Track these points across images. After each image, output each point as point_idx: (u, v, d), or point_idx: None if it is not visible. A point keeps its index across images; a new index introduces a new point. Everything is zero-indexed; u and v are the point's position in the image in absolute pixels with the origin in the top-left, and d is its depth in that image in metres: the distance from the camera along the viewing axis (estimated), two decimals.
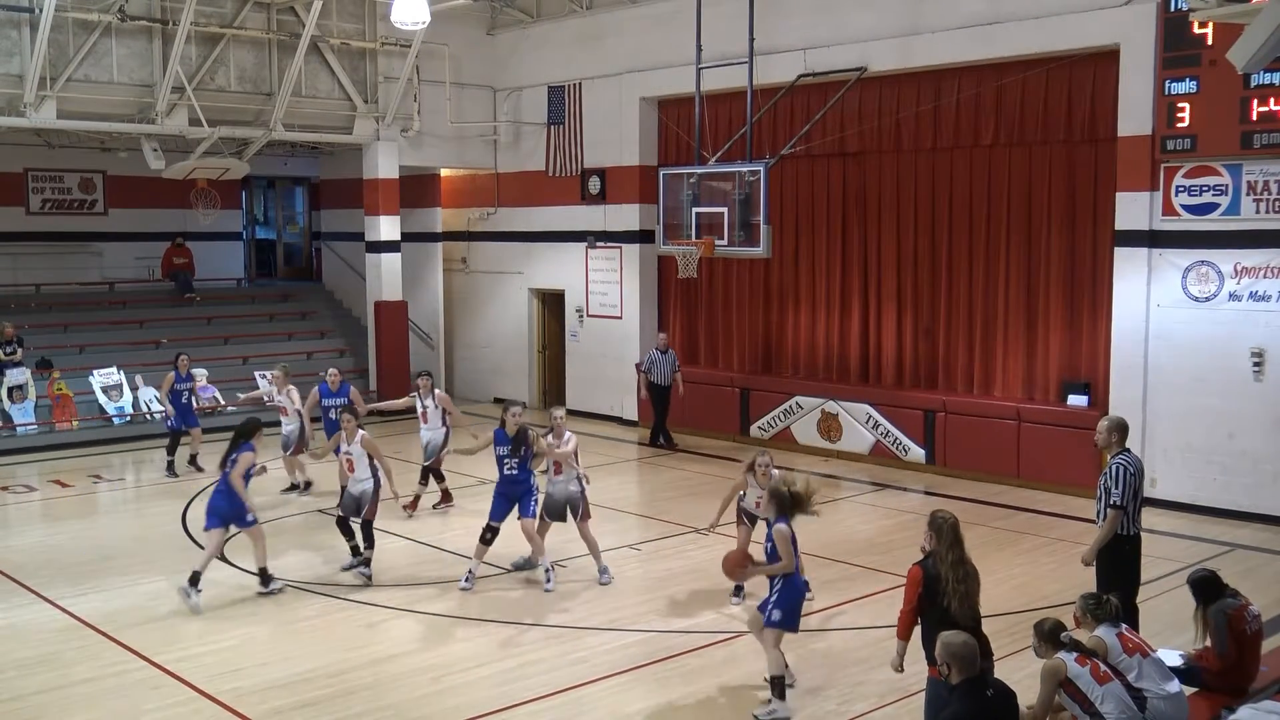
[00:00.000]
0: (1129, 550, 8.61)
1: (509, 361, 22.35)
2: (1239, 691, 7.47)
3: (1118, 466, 8.55)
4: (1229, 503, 13.53)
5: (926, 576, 6.81)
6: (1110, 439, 8.79)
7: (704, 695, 8.52)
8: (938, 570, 6.78)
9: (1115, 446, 8.75)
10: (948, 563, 6.75)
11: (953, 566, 6.74)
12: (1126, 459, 8.61)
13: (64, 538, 13.11)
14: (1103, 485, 8.64)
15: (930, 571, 6.81)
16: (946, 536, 6.81)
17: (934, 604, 6.74)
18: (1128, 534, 8.59)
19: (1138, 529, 8.66)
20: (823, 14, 16.81)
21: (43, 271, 22.12)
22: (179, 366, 16.29)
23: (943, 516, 6.94)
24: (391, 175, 20.91)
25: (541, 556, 11.07)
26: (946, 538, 6.81)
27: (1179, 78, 13.39)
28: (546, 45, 20.99)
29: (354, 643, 9.61)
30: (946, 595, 6.68)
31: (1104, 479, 8.63)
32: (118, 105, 17.98)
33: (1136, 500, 8.58)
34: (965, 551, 6.86)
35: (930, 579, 6.78)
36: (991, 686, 6.09)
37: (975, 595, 6.86)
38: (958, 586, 6.67)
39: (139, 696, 8.51)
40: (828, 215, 17.82)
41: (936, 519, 6.93)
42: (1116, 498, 8.48)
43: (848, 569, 11.66)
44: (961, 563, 6.79)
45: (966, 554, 6.87)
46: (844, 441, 17.16)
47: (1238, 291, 13.35)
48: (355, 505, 11.48)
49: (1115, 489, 8.49)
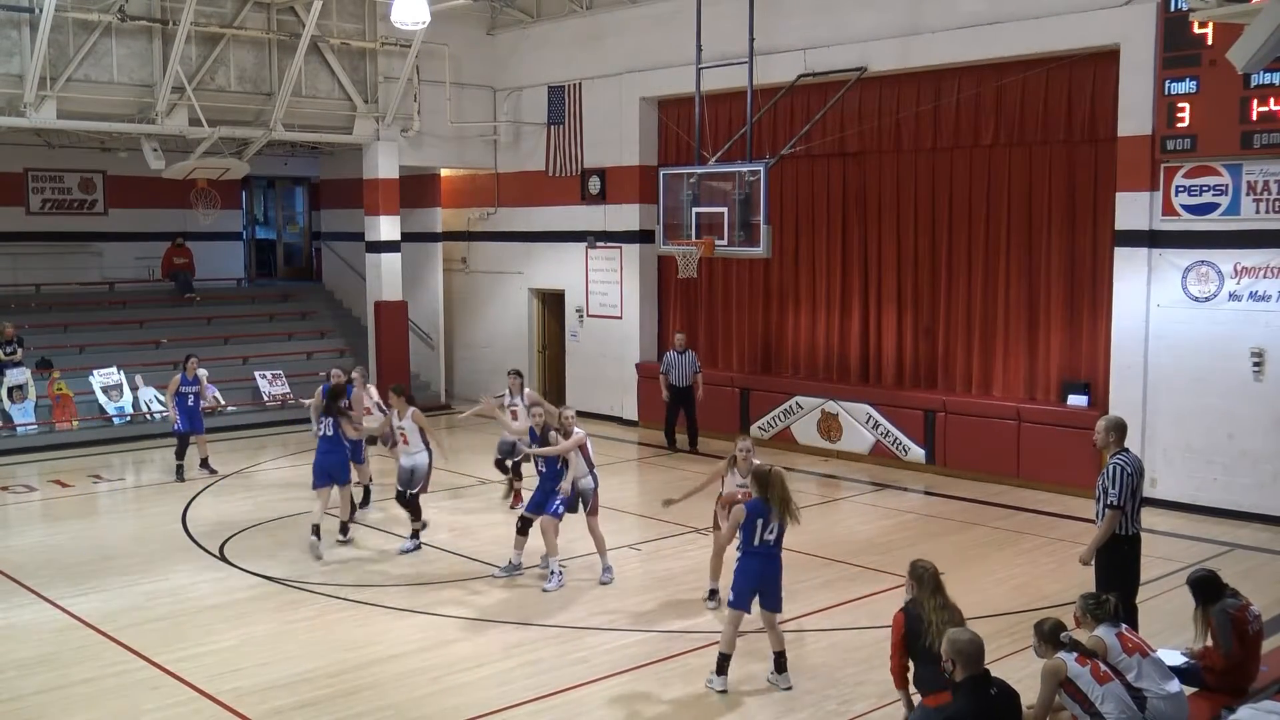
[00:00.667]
0: (1128, 550, 8.60)
1: (509, 361, 22.16)
2: (1239, 691, 7.47)
3: (1115, 466, 8.55)
4: (1229, 503, 13.53)
5: (909, 620, 7.09)
6: (1108, 439, 8.80)
7: (704, 695, 8.52)
8: (919, 613, 7.04)
9: (1113, 446, 8.75)
10: (930, 608, 7.02)
11: (935, 611, 7.00)
12: (1124, 459, 8.60)
13: (64, 538, 13.10)
14: (1100, 485, 8.63)
15: (912, 614, 7.08)
16: (928, 585, 7.09)
17: (916, 644, 7.01)
18: (1127, 534, 8.58)
19: (1137, 529, 8.64)
20: (823, 14, 16.81)
21: (43, 271, 22.11)
22: (186, 369, 16.10)
23: (923, 566, 7.19)
24: (391, 175, 20.91)
25: (554, 557, 11.12)
26: (928, 585, 7.09)
27: (1179, 78, 13.39)
28: (546, 45, 20.99)
29: (354, 643, 9.61)
30: (930, 635, 6.91)
31: (1102, 479, 8.63)
32: (118, 105, 17.97)
33: (1135, 500, 8.56)
34: (948, 597, 7.12)
35: (912, 622, 7.06)
36: (995, 685, 6.09)
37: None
38: (942, 627, 6.84)
39: (139, 696, 8.51)
40: (828, 215, 17.82)
41: (916, 568, 7.19)
42: (1114, 498, 8.48)
43: (848, 569, 11.66)
44: (945, 607, 7.05)
45: (950, 600, 7.12)
46: (844, 441, 17.16)
47: (1238, 291, 13.35)
48: (409, 477, 12.25)
49: (1112, 489, 8.49)
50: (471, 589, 11.09)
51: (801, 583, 11.15)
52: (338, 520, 12.75)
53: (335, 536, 12.60)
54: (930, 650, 6.81)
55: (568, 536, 11.78)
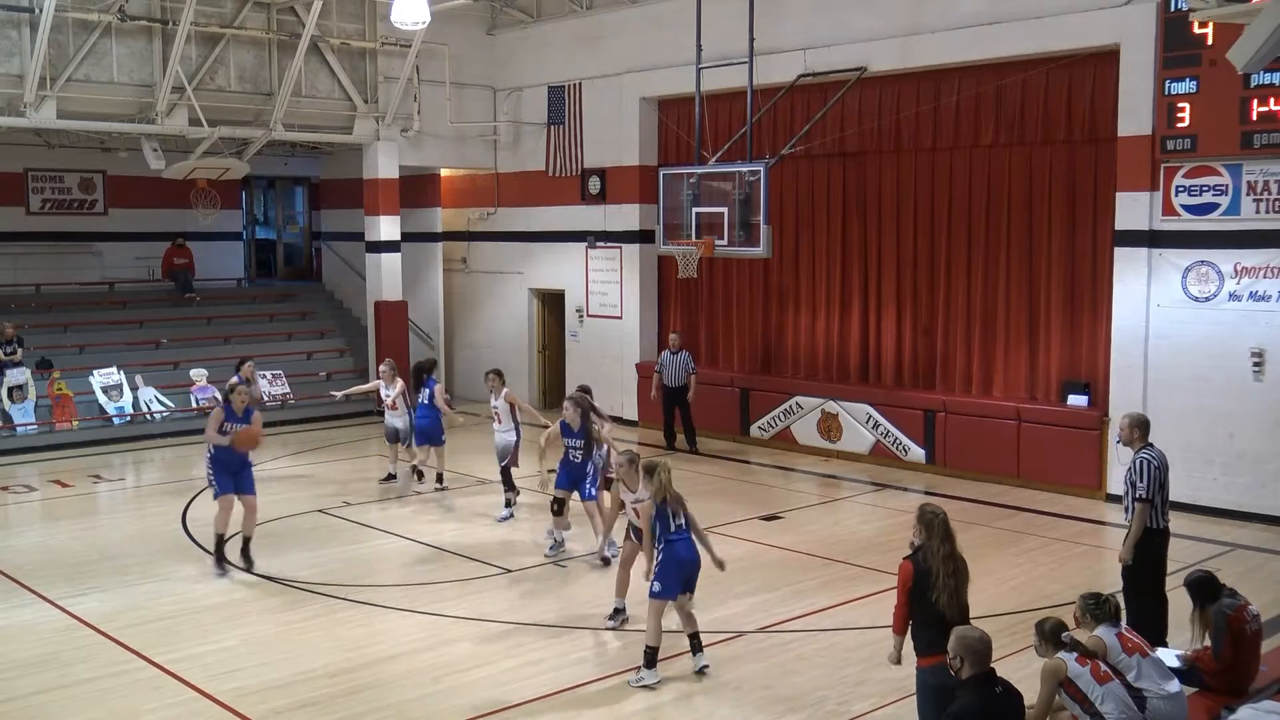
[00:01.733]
0: (1159, 543, 8.80)
1: (509, 361, 22.22)
2: (1239, 691, 7.47)
3: (1142, 461, 8.74)
4: (1229, 503, 13.53)
5: (917, 571, 6.74)
6: (1132, 435, 8.98)
7: (704, 695, 8.51)
8: (928, 564, 6.71)
9: (1138, 442, 8.93)
10: (939, 557, 6.67)
11: (943, 561, 6.66)
12: (1150, 453, 8.79)
13: (64, 538, 13.10)
14: (1128, 480, 8.84)
15: (920, 566, 6.74)
16: (938, 530, 6.73)
17: (923, 598, 6.68)
18: (1157, 527, 8.76)
19: (1166, 522, 8.82)
20: (823, 14, 16.81)
21: (43, 271, 22.09)
22: (243, 374, 15.69)
23: (932, 510, 6.86)
24: (391, 175, 20.91)
25: (605, 535, 11.39)
26: (938, 532, 6.73)
27: (1179, 78, 13.39)
28: (546, 45, 20.99)
29: (354, 643, 9.61)
30: (935, 590, 6.62)
31: (1130, 474, 8.83)
32: (118, 105, 17.98)
33: (1163, 493, 8.74)
34: (956, 546, 6.77)
35: (920, 573, 6.72)
36: (1000, 684, 6.10)
37: (964, 590, 6.78)
38: (947, 581, 6.61)
39: (139, 696, 8.51)
40: (828, 215, 17.82)
41: (926, 513, 6.85)
42: (1142, 491, 8.67)
43: (848, 569, 11.66)
44: (952, 557, 6.70)
45: (957, 548, 6.78)
46: (844, 441, 17.16)
47: (1238, 291, 13.35)
48: (502, 453, 13.49)
49: (1141, 483, 8.68)
50: (471, 589, 11.09)
51: (801, 583, 11.17)
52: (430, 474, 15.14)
53: (433, 485, 15.01)
54: (934, 606, 6.59)
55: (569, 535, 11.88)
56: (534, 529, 13.14)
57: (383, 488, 15.34)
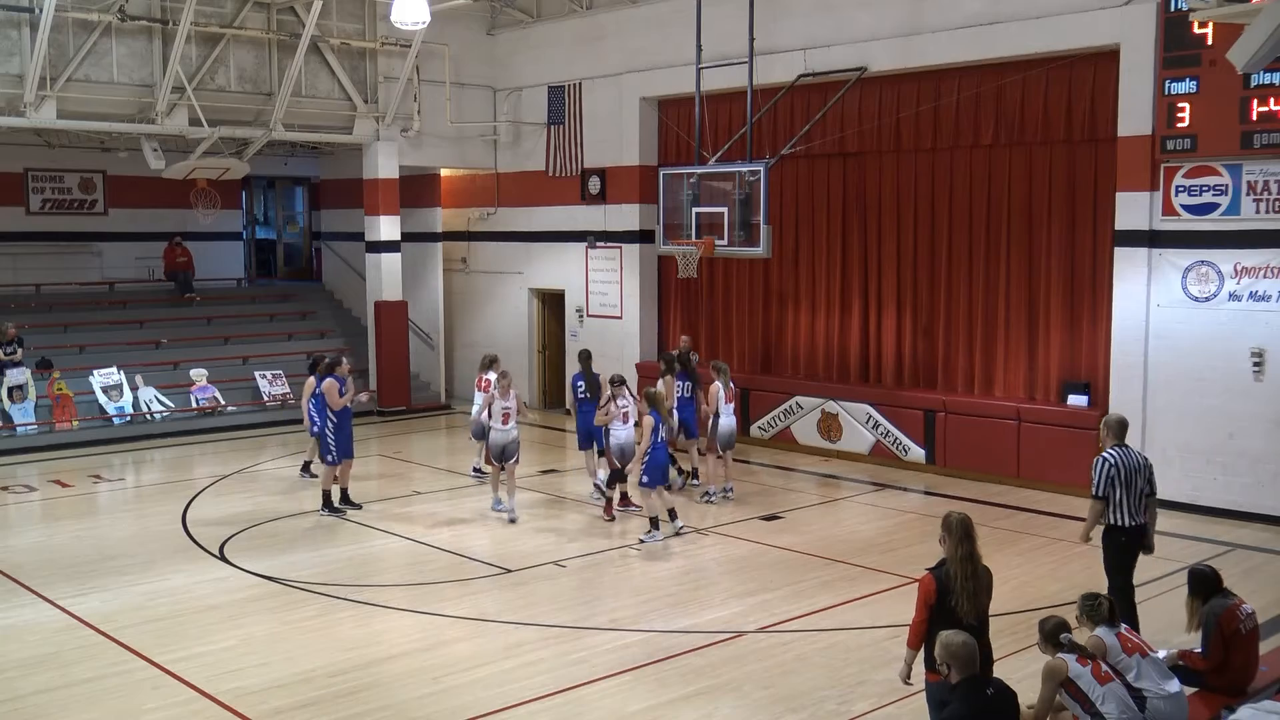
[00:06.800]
0: (1124, 540, 8.97)
1: (509, 361, 22.14)
2: (1239, 691, 7.47)
3: (1098, 460, 9.00)
4: (1229, 503, 13.52)
5: (939, 585, 6.60)
6: (1104, 434, 9.22)
7: (704, 695, 8.52)
8: (949, 572, 6.60)
9: (1107, 441, 9.15)
10: (956, 559, 6.58)
11: (961, 563, 6.56)
12: (1110, 453, 8.98)
13: (64, 538, 13.10)
14: None
15: (943, 580, 6.61)
16: (956, 532, 6.64)
17: (943, 607, 6.56)
18: (1120, 525, 8.93)
19: (1133, 521, 8.91)
20: (823, 14, 16.81)
21: (43, 271, 22.09)
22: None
23: (955, 515, 6.78)
24: (391, 175, 20.91)
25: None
26: (956, 533, 6.64)
27: (1179, 78, 13.39)
28: (546, 45, 20.99)
29: (354, 643, 9.61)
30: (955, 595, 6.51)
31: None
32: (118, 105, 17.98)
33: (1127, 492, 8.86)
34: (976, 549, 6.67)
35: (943, 588, 6.58)
36: (992, 685, 6.09)
37: (983, 597, 6.65)
38: (965, 584, 6.51)
39: (139, 696, 8.51)
40: (828, 215, 17.82)
41: (949, 517, 6.77)
42: (1093, 488, 8.96)
43: (848, 569, 11.66)
44: (970, 559, 6.60)
45: (978, 552, 6.68)
46: (844, 441, 17.16)
47: (1238, 291, 13.35)
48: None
49: (1093, 481, 8.96)
50: (471, 589, 11.09)
51: (801, 583, 11.17)
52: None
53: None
54: (953, 614, 6.44)
55: (568, 534, 11.85)
56: (534, 529, 13.15)
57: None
